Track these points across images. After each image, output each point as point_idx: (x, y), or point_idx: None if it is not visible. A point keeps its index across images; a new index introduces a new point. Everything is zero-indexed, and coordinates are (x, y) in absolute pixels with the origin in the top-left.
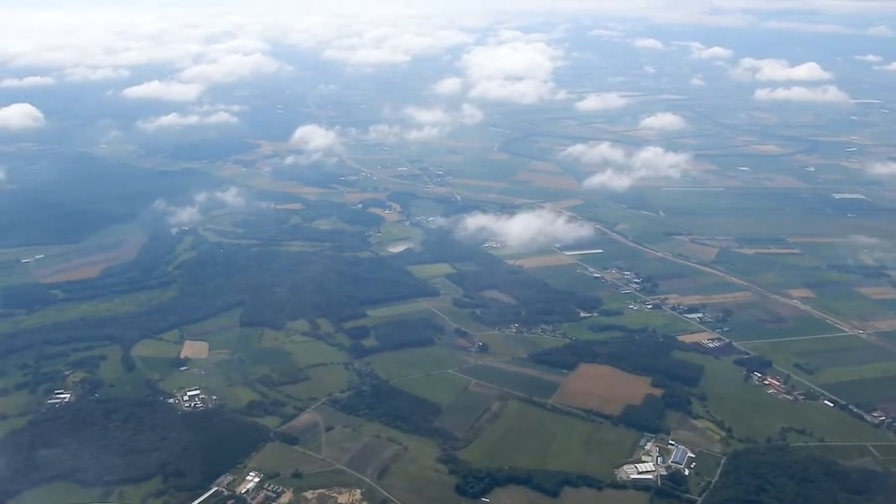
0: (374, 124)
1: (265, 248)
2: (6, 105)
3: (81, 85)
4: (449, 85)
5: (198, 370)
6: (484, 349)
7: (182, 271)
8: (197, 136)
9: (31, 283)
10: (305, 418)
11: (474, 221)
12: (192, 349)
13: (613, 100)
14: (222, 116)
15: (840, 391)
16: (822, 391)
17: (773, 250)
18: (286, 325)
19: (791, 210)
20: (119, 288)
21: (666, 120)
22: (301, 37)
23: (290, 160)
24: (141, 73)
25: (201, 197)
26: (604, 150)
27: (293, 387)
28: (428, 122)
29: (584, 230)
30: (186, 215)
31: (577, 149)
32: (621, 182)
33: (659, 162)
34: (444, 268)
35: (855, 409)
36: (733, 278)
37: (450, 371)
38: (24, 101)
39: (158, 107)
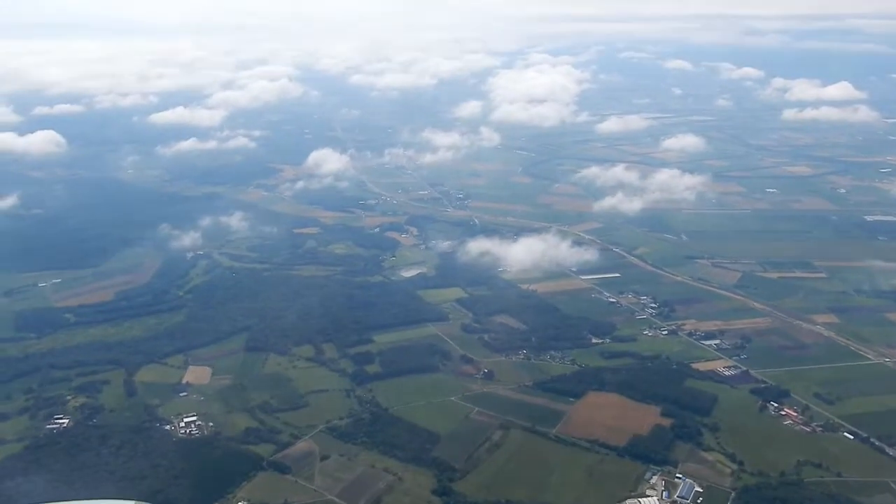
0: (398, 148)
1: (277, 273)
2: (33, 132)
3: (110, 111)
4: (473, 108)
5: (197, 396)
6: (489, 376)
7: (193, 295)
8: (222, 161)
9: (45, 308)
10: (301, 446)
11: (490, 245)
12: (195, 374)
13: (635, 121)
14: (243, 141)
15: (861, 423)
16: (843, 422)
17: (798, 274)
18: (291, 351)
19: (819, 233)
20: (130, 312)
21: (690, 142)
22: (331, 62)
23: (311, 184)
24: (169, 100)
25: (219, 221)
26: (627, 172)
27: (292, 414)
28: (451, 146)
29: (602, 254)
30: (203, 239)
31: (600, 171)
32: (643, 205)
33: (682, 184)
34: (456, 292)
35: (877, 442)
36: (755, 303)
37: (452, 399)
38: (52, 128)
39: (183, 132)
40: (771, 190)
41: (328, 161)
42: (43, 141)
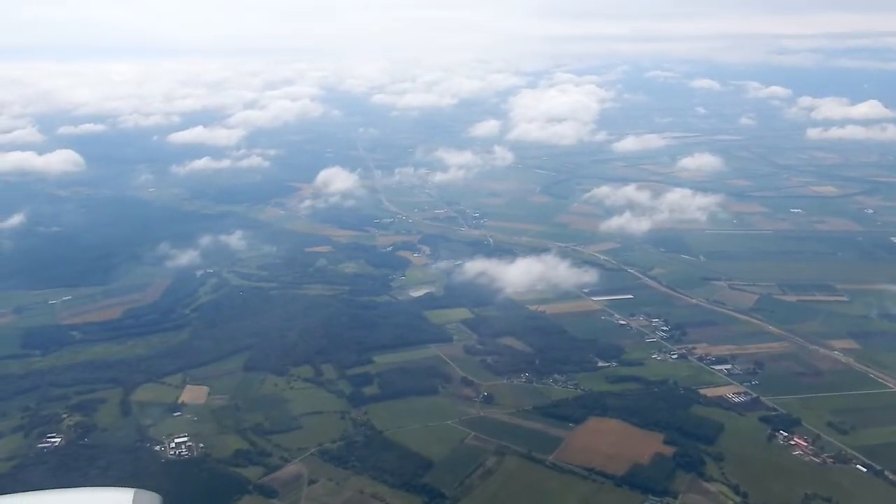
0: (415, 166)
1: (284, 292)
2: (52, 151)
3: (132, 131)
4: (491, 127)
5: (191, 416)
6: (489, 400)
7: (198, 314)
8: (244, 180)
9: (53, 325)
10: (290, 469)
11: (500, 265)
12: (192, 394)
13: (654, 141)
14: (261, 160)
15: (876, 454)
16: (856, 454)
17: (818, 297)
18: (290, 371)
19: (843, 254)
20: (135, 330)
21: (712, 161)
22: (356, 82)
23: (327, 203)
24: (191, 119)
25: (232, 239)
26: (646, 192)
27: (284, 436)
28: (469, 164)
29: (616, 274)
30: (215, 258)
31: (618, 191)
32: (661, 225)
33: (702, 204)
34: (463, 313)
35: (891, 476)
36: (770, 327)
37: (449, 422)
38: (74, 147)
39: (200, 151)
40: (795, 210)
41: (345, 180)
42: (61, 160)
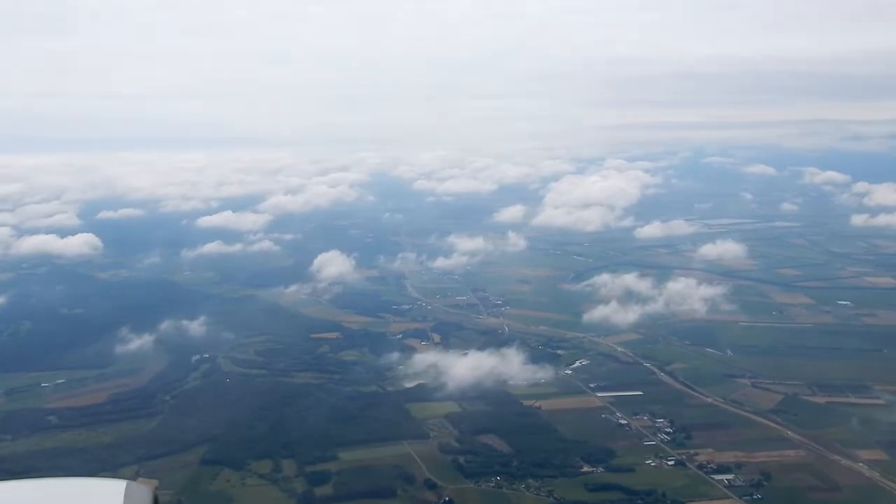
0: (443, 251)
1: (271, 379)
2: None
3: (168, 215)
4: (518, 213)
5: None
6: None
7: (177, 401)
8: (271, 264)
9: (34, 409)
10: None
11: (505, 355)
12: None
13: (682, 227)
14: (271, 244)
15: None
16: None
17: (850, 399)
18: (248, 465)
19: (889, 352)
20: (111, 416)
21: (756, 249)
22: (406, 169)
23: (350, 287)
24: (228, 204)
25: (239, 323)
26: (680, 280)
27: None
28: (494, 250)
29: (630, 368)
30: (217, 342)
31: (649, 279)
32: (691, 316)
33: (740, 294)
34: (450, 406)
35: None
36: (790, 432)
37: None
38: (105, 231)
39: (221, 235)
40: (843, 302)
41: (369, 265)
42: (80, 243)
